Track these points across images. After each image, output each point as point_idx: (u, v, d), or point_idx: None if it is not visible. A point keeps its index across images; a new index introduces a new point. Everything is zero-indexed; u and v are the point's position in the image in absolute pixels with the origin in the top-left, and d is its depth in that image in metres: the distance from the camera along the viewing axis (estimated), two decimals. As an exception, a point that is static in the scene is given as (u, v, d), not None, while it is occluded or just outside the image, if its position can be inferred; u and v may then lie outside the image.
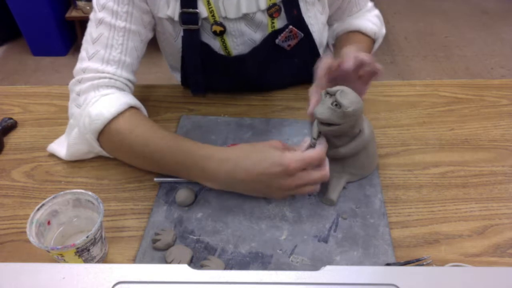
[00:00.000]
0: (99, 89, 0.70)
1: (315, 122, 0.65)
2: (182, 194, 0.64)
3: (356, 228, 0.62)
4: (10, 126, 0.80)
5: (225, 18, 0.77)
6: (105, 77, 0.70)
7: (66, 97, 0.87)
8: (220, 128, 0.79)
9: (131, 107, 0.69)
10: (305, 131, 0.78)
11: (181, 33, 0.79)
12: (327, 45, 0.96)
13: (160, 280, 0.38)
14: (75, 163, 0.73)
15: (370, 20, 0.89)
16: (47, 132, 0.80)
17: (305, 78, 0.90)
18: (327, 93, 0.62)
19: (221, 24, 0.77)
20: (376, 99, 0.86)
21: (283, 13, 0.78)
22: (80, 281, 0.38)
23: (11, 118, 0.80)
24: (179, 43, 0.81)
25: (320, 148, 0.60)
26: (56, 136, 0.77)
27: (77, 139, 0.69)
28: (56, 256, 0.53)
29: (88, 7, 2.36)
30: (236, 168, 0.61)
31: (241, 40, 0.80)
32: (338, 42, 0.91)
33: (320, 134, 0.67)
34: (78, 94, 0.70)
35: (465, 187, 0.68)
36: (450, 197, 0.66)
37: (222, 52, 0.81)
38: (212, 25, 0.77)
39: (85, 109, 0.68)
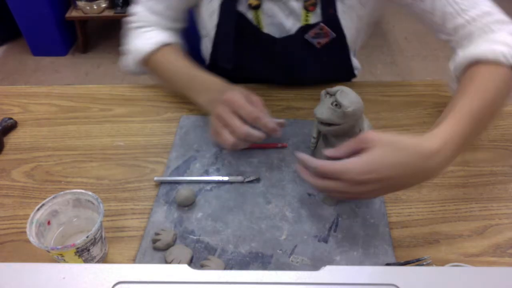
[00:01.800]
0: (141, 28, 0.86)
1: (315, 122, 0.65)
2: (182, 194, 0.64)
3: (356, 228, 0.62)
4: (10, 126, 0.80)
5: None
6: (149, 25, 0.85)
7: (66, 97, 0.88)
8: (220, 128, 0.79)
9: (166, 44, 0.84)
10: (305, 131, 0.78)
11: None
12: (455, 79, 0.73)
13: (160, 280, 0.38)
14: (75, 163, 0.73)
15: (495, 40, 0.65)
16: (47, 132, 0.80)
17: (329, 79, 0.89)
18: (327, 93, 0.62)
19: None
20: (376, 99, 0.86)
21: (319, 10, 0.78)
22: (80, 281, 0.38)
23: (11, 118, 0.80)
24: (213, 5, 0.81)
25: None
26: (56, 136, 0.78)
27: (126, 62, 0.88)
28: (56, 256, 0.53)
29: (88, 7, 2.36)
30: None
31: (271, 20, 0.81)
32: (460, 82, 0.68)
33: (320, 134, 0.67)
34: (129, 29, 0.87)
35: (465, 187, 0.68)
36: (450, 197, 0.66)
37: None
38: None
39: (131, 43, 0.86)
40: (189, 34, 0.93)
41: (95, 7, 2.38)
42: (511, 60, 0.62)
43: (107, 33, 2.77)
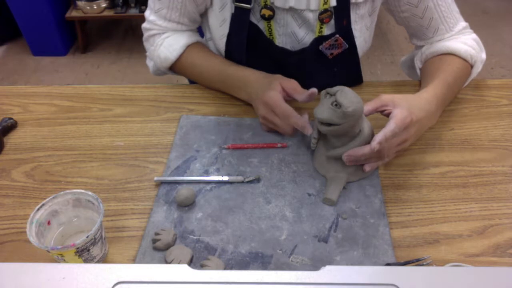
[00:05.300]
0: (161, 35, 0.88)
1: (315, 122, 0.65)
2: (182, 194, 0.64)
3: (356, 228, 0.62)
4: (10, 126, 0.80)
5: (273, 4, 0.78)
6: (167, 31, 0.87)
7: (66, 97, 0.88)
8: (220, 128, 0.79)
9: (189, 45, 0.87)
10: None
11: (228, 3, 0.81)
12: (414, 67, 0.90)
13: (160, 280, 0.38)
14: (75, 163, 0.73)
15: (465, 42, 0.81)
16: (47, 132, 0.80)
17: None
18: (327, 93, 0.62)
19: (271, 8, 0.78)
20: (376, 99, 0.86)
21: (332, 21, 0.79)
22: (80, 281, 0.38)
23: (11, 118, 0.80)
24: (224, 14, 0.82)
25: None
26: (55, 136, 0.78)
27: (154, 67, 0.93)
28: (56, 256, 0.53)
29: (88, 7, 2.36)
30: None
31: (284, 30, 0.81)
32: (426, 66, 0.85)
33: (320, 134, 0.67)
34: (149, 36, 0.89)
35: (465, 187, 0.68)
36: (450, 197, 0.66)
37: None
38: (262, 8, 0.78)
39: (155, 51, 0.88)
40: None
41: (95, 7, 2.38)
42: (472, 61, 0.81)
43: (107, 33, 2.77)
